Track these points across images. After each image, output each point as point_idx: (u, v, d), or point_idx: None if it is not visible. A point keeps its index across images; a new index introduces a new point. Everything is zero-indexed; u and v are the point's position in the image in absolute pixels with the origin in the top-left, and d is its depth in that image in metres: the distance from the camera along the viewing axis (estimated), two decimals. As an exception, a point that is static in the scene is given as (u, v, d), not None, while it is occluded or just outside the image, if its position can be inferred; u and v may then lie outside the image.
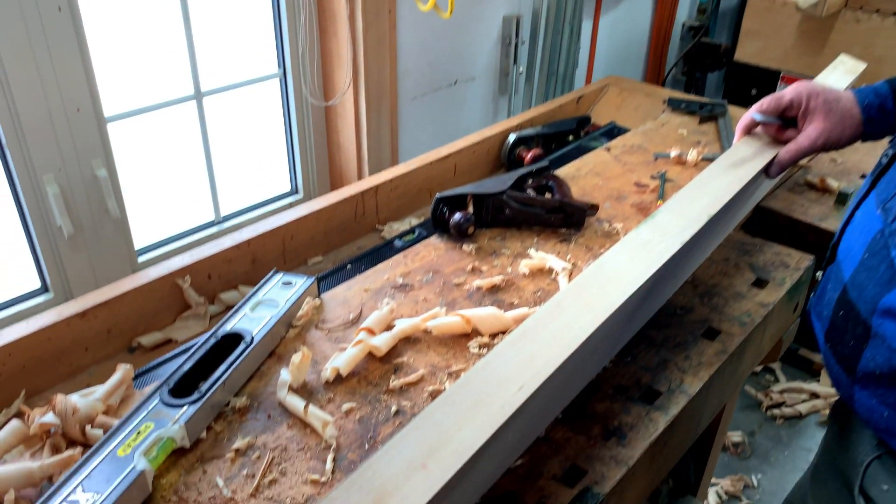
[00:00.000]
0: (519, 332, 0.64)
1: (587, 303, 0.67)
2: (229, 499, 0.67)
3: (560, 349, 0.61)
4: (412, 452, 0.52)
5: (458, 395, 0.57)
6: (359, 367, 0.83)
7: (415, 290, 0.97)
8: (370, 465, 0.50)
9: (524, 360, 0.60)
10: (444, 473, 0.50)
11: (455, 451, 0.52)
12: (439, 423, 0.54)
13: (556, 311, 0.67)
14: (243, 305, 0.88)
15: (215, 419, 0.76)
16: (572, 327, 0.64)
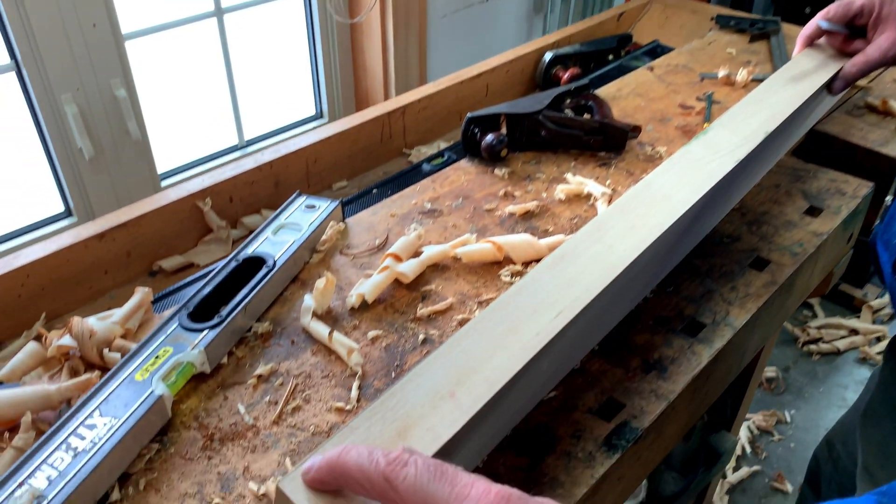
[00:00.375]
0: (557, 254, 0.59)
1: (632, 224, 0.62)
2: (251, 425, 0.65)
3: (602, 274, 0.56)
4: (439, 380, 0.48)
5: (490, 320, 0.53)
6: (385, 294, 0.79)
7: (443, 216, 0.92)
8: (393, 392, 0.47)
9: (562, 285, 0.56)
10: (474, 403, 0.46)
11: (486, 379, 0.48)
12: (469, 350, 0.50)
13: (597, 232, 0.61)
14: (265, 229, 0.85)
15: (237, 345, 0.73)
16: (615, 250, 0.59)
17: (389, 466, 0.38)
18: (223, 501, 0.58)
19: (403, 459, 0.38)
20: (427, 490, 0.37)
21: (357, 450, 0.40)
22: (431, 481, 0.37)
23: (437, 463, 0.39)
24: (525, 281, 0.57)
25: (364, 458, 0.39)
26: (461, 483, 0.38)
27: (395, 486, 0.37)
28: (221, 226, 0.98)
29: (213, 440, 0.64)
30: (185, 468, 0.61)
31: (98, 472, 0.57)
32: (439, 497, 0.37)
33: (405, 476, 0.38)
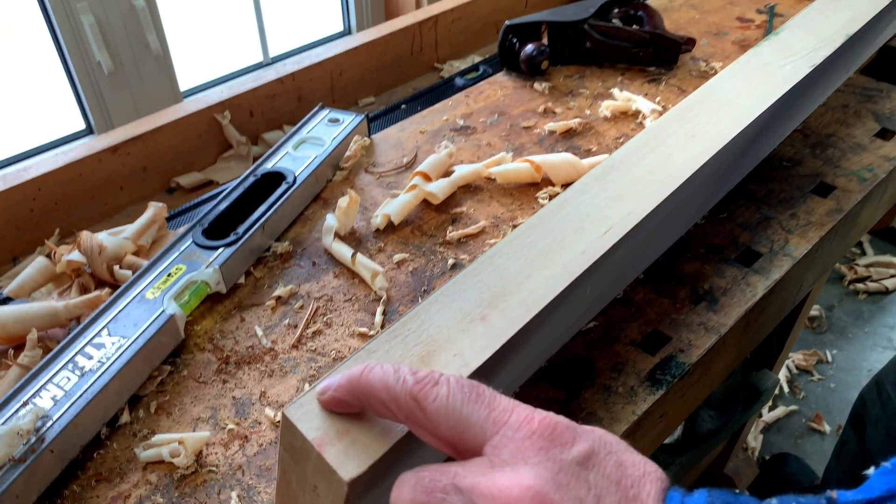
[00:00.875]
0: (607, 165, 0.53)
1: (692, 133, 0.55)
2: (269, 349, 0.61)
3: (657, 188, 0.50)
4: (469, 301, 0.43)
5: (528, 236, 0.47)
6: (412, 215, 0.74)
7: (477, 133, 0.85)
8: (417, 313, 0.42)
9: (612, 199, 0.49)
10: (508, 328, 0.41)
11: (522, 302, 0.43)
12: (503, 269, 0.45)
13: (653, 141, 0.55)
14: (285, 143, 0.79)
15: (254, 265, 0.69)
16: (673, 161, 0.52)
17: (418, 385, 0.34)
18: (238, 427, 0.55)
19: (434, 378, 0.34)
20: (460, 412, 0.33)
21: (382, 367, 0.35)
22: (465, 403, 0.33)
23: (471, 383, 0.34)
24: (570, 193, 0.51)
25: (390, 375, 0.35)
26: (499, 407, 0.33)
27: (424, 406, 0.33)
28: (241, 141, 0.93)
29: (228, 363, 0.60)
30: (199, 392, 0.58)
31: (106, 393, 0.54)
32: (474, 421, 0.33)
33: (436, 396, 0.33)
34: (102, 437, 0.55)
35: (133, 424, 0.56)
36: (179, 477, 0.52)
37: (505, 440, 0.32)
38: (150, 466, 0.53)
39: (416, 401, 0.34)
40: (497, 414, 0.33)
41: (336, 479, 0.33)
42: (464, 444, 0.33)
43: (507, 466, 0.32)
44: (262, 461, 0.53)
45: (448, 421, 0.33)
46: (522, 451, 0.32)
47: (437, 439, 0.34)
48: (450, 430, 0.33)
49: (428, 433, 0.34)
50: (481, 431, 0.33)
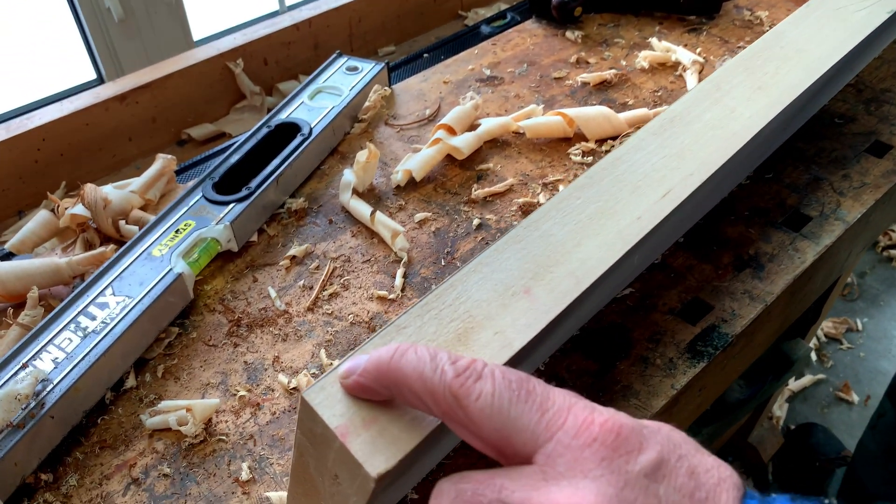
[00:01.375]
0: (665, 118, 0.48)
1: (759, 84, 0.50)
2: (283, 311, 0.57)
3: (721, 145, 0.45)
4: (512, 272, 0.38)
5: (579, 198, 0.43)
6: (435, 171, 0.69)
7: (505, 84, 0.80)
8: (453, 284, 0.37)
9: (671, 157, 0.45)
10: (555, 303, 0.37)
11: (571, 273, 0.39)
12: (550, 235, 0.40)
13: (716, 92, 0.49)
14: (301, 92, 0.74)
15: (268, 222, 0.65)
16: (739, 116, 0.47)
17: (459, 380, 0.29)
18: (250, 394, 0.52)
19: (476, 371, 0.29)
20: (507, 414, 0.28)
21: (416, 352, 0.31)
22: (513, 403, 0.29)
23: (520, 377, 0.30)
24: (624, 150, 0.46)
25: (426, 364, 0.30)
26: (553, 408, 0.29)
27: (465, 405, 0.29)
28: (255, 91, 0.88)
29: (239, 326, 0.56)
30: (208, 355, 0.55)
31: (110, 356, 0.51)
32: (523, 425, 0.28)
33: (479, 394, 0.29)
34: (107, 403, 0.52)
35: (139, 389, 0.53)
36: (187, 446, 0.49)
37: (560, 448, 0.28)
38: (157, 434, 0.50)
39: (455, 398, 0.29)
40: (551, 416, 0.29)
41: (362, 473, 0.29)
42: (511, 449, 0.29)
43: (563, 480, 0.27)
44: (275, 430, 0.49)
45: (493, 423, 0.29)
46: (581, 461, 0.27)
47: (479, 440, 0.30)
48: (495, 432, 0.29)
49: (469, 433, 0.30)
50: (532, 437, 0.28)
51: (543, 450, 0.28)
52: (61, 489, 0.47)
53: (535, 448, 0.28)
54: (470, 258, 0.60)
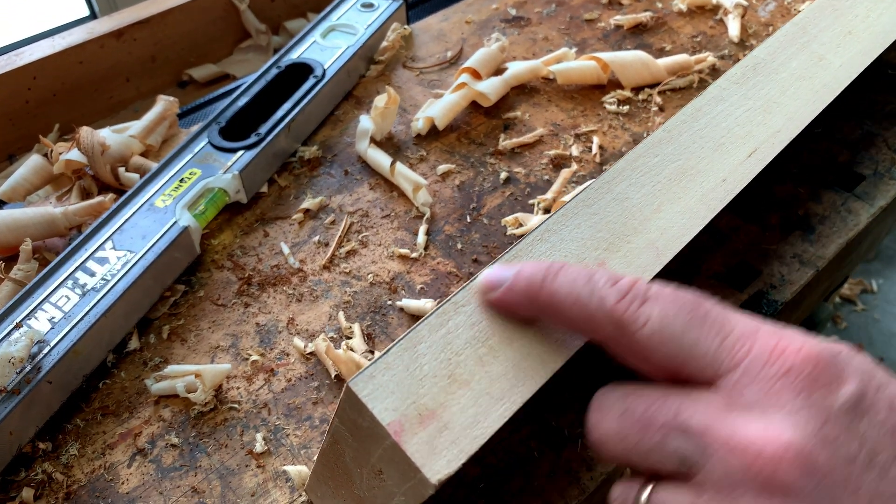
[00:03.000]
0: (748, 65, 0.43)
1: (848, 29, 0.45)
2: (296, 270, 0.53)
3: (810, 98, 0.40)
4: (583, 241, 0.34)
5: (656, 155, 0.38)
6: (459, 119, 0.64)
7: (532, 26, 0.74)
8: (516, 254, 0.33)
9: (757, 110, 0.40)
10: None
11: (651, 244, 0.34)
12: (625, 199, 0.36)
13: (801, 37, 0.44)
14: (312, 31, 0.69)
15: (279, 172, 0.60)
16: (828, 65, 0.42)
17: (621, 306, 0.26)
18: (263, 359, 0.48)
19: (640, 293, 0.27)
20: (681, 341, 0.26)
21: (570, 273, 0.28)
22: (687, 328, 0.26)
23: (693, 299, 0.26)
24: (704, 101, 0.41)
25: (581, 289, 0.28)
26: (735, 331, 0.25)
27: (631, 333, 0.26)
28: (261, 30, 0.82)
29: (250, 284, 0.52)
30: (217, 316, 0.51)
31: (111, 316, 0.47)
32: (701, 351, 0.25)
33: (646, 320, 0.26)
34: (108, 366, 0.48)
35: (143, 351, 0.49)
36: (196, 414, 0.45)
37: (748, 378, 0.25)
38: (164, 400, 0.46)
39: (618, 326, 0.27)
40: (733, 342, 0.25)
41: (418, 477, 0.26)
42: (685, 374, 0.26)
43: (752, 411, 0.24)
44: (291, 399, 0.46)
45: (664, 349, 0.26)
46: (775, 393, 0.24)
47: (646, 365, 0.27)
48: (666, 359, 0.26)
49: (634, 359, 0.27)
50: (713, 363, 0.25)
51: (727, 378, 0.25)
52: (61, 459, 0.43)
53: (717, 375, 0.25)
54: (493, 213, 0.55)
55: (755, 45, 0.70)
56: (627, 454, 0.26)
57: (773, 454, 0.23)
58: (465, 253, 0.54)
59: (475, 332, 0.29)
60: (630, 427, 0.26)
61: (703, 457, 0.24)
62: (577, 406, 0.44)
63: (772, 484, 0.23)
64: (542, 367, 0.29)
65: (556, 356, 0.30)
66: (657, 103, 0.64)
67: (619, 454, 0.26)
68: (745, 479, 0.23)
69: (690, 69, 0.66)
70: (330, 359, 0.46)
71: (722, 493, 0.24)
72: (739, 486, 0.23)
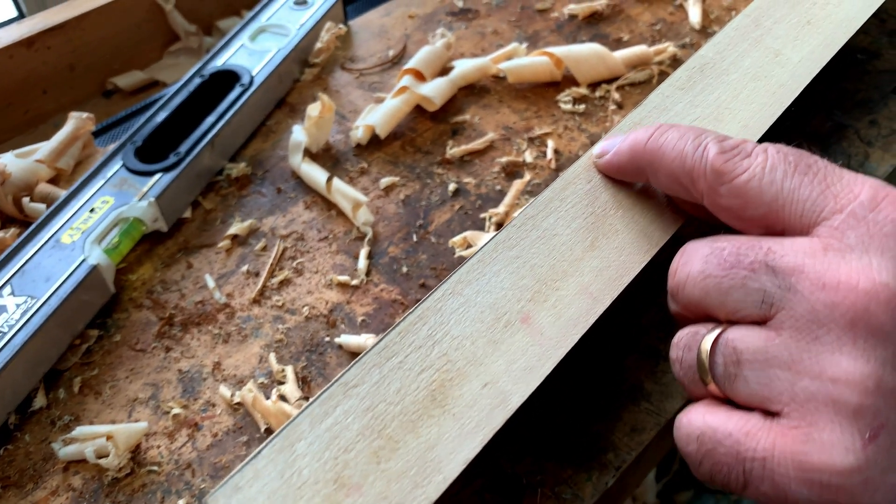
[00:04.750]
0: (694, 66, 0.39)
1: (807, 18, 0.41)
2: (223, 305, 0.48)
3: (767, 101, 0.37)
4: (504, 292, 0.29)
5: (588, 181, 0.33)
6: (403, 125, 0.59)
7: (481, 18, 0.69)
8: (422, 316, 0.27)
9: (707, 118, 0.36)
10: (566, 334, 0.28)
11: (584, 289, 0.30)
12: (553, 236, 0.31)
13: (754, 30, 0.40)
14: (240, 33, 0.63)
15: (204, 193, 0.55)
16: (786, 61, 0.38)
17: (724, 156, 0.27)
18: (185, 412, 0.43)
19: (745, 149, 0.27)
20: (781, 186, 0.25)
21: (678, 130, 0.30)
22: (789, 175, 0.26)
23: (798, 153, 0.27)
24: (644, 110, 0.36)
25: (688, 143, 0.28)
26: (842, 181, 0.25)
27: (731, 181, 0.27)
28: (191, 31, 0.76)
29: (172, 325, 0.47)
30: (136, 363, 0.45)
31: (10, 372, 0.41)
32: (802, 196, 0.25)
33: (747, 168, 0.26)
34: (11, 429, 0.43)
35: (51, 409, 0.43)
36: (111, 481, 0.40)
37: (853, 220, 0.24)
38: (74, 466, 0.41)
39: (718, 175, 0.27)
40: (840, 189, 0.25)
41: None
42: (781, 224, 0.26)
43: (852, 252, 0.23)
44: (218, 457, 0.41)
45: (763, 197, 0.26)
46: (881, 237, 0.23)
47: (741, 221, 0.27)
48: (763, 206, 0.26)
49: (730, 215, 0.27)
50: (813, 208, 0.25)
51: (829, 222, 0.24)
52: (-47, 544, 0.38)
53: (817, 220, 0.25)
54: (443, 230, 0.51)
55: (717, 31, 0.66)
56: (706, 295, 0.25)
57: (868, 291, 0.22)
58: (412, 277, 0.49)
59: (369, 420, 0.25)
60: (715, 265, 0.25)
61: (788, 294, 0.23)
62: (533, 450, 0.40)
63: (860, 322, 0.22)
64: (450, 455, 0.25)
65: (471, 442, 0.25)
66: (615, 100, 0.60)
67: (696, 296, 0.26)
68: (831, 317, 0.22)
69: (650, 61, 0.62)
70: (258, 412, 0.41)
71: (802, 332, 0.23)
72: (823, 325, 0.22)
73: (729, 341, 0.25)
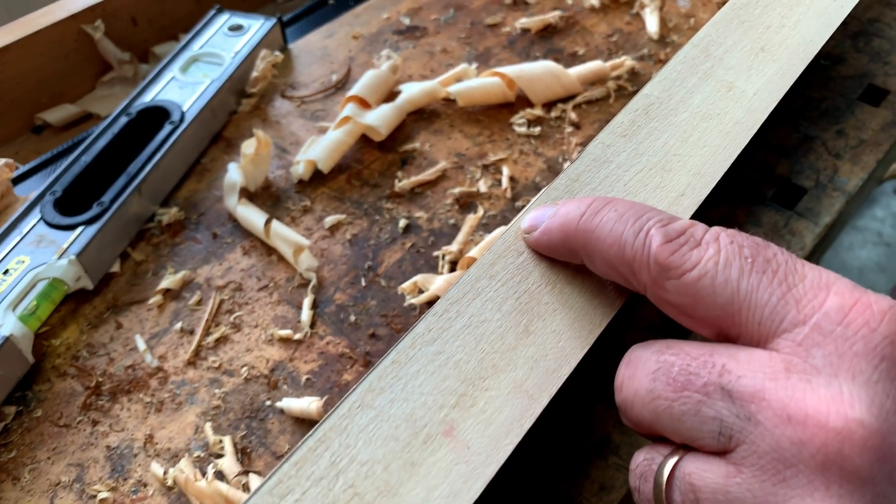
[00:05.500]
0: (638, 107, 0.34)
1: (761, 45, 0.37)
2: (155, 370, 0.44)
3: (721, 142, 0.33)
4: (422, 399, 0.25)
5: (519, 253, 0.30)
6: (348, 156, 0.56)
7: (429, 36, 0.66)
8: (323, 440, 0.23)
9: (652, 169, 0.32)
10: (497, 446, 0.25)
11: (518, 386, 0.26)
12: (480, 324, 0.27)
13: (703, 62, 0.37)
14: (170, 64, 0.59)
15: (133, 243, 0.51)
16: (740, 95, 0.35)
17: (668, 247, 0.24)
18: (114, 494, 0.39)
19: (694, 237, 0.24)
20: (736, 287, 0.22)
21: (615, 209, 0.26)
22: (746, 273, 0.22)
23: (755, 243, 0.23)
24: (582, 165, 0.32)
25: (627, 228, 0.25)
26: (804, 283, 0.22)
27: (677, 276, 0.23)
28: (124, 60, 0.72)
29: (99, 394, 0.43)
30: (59, 441, 0.41)
31: (-89, 466, 0.37)
32: (759, 300, 0.22)
33: (696, 264, 0.23)
34: (-85, 527, 0.38)
35: (-38, 501, 0.39)
36: (29, 581, 0.36)
37: (818, 336, 0.21)
38: (-13, 566, 0.37)
39: (664, 269, 0.24)
40: (802, 293, 0.22)
41: None
42: (736, 329, 0.23)
43: (818, 376, 0.20)
44: (149, 546, 0.37)
45: (714, 297, 0.23)
46: (850, 357, 0.20)
47: (691, 319, 0.24)
48: (716, 308, 0.23)
49: (677, 311, 0.24)
50: (772, 316, 0.22)
51: (791, 335, 0.21)
52: None
53: (776, 331, 0.22)
54: (394, 271, 0.47)
55: (676, 42, 0.63)
56: (657, 418, 0.23)
57: (840, 431, 0.19)
58: (360, 327, 0.46)
59: None
60: (664, 385, 0.22)
61: (748, 426, 0.20)
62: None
63: (832, 466, 0.19)
64: None
65: None
66: (572, 120, 0.57)
67: (646, 418, 0.23)
68: (799, 457, 0.19)
69: (607, 77, 0.59)
70: (192, 495, 0.37)
71: (766, 471, 0.20)
72: (791, 465, 0.19)
73: (686, 475, 0.22)
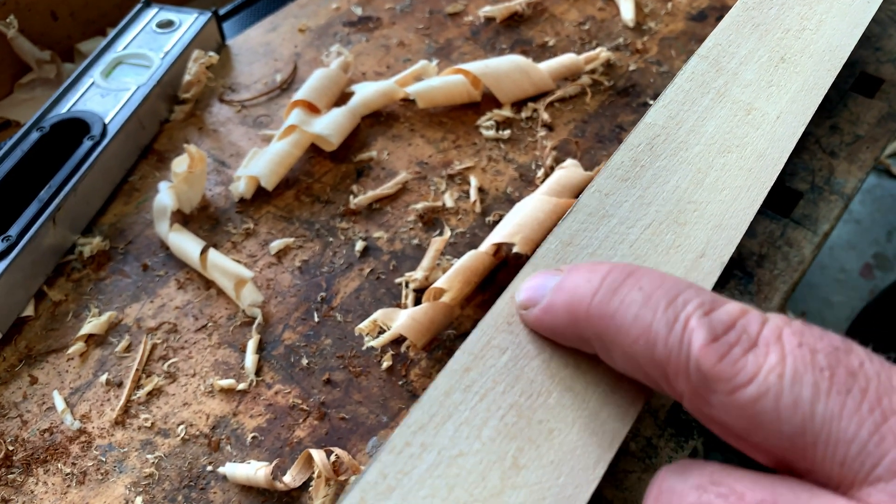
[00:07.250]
0: (640, 142, 0.29)
1: (780, 54, 0.33)
2: (77, 432, 0.38)
3: (744, 182, 0.28)
4: None
5: (501, 351, 0.24)
6: (297, 169, 0.50)
7: (384, 28, 0.59)
8: None
9: (663, 222, 0.27)
10: None
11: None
12: (459, 456, 0.22)
13: (715, 78, 0.32)
14: (90, 69, 0.52)
15: (49, 280, 0.44)
16: (760, 118, 0.30)
17: (715, 349, 0.18)
18: (26, 590, 0.33)
19: (749, 333, 0.18)
20: (809, 413, 0.17)
21: (641, 288, 0.20)
22: (823, 394, 0.17)
23: (832, 346, 0.18)
24: (577, 222, 0.26)
25: (657, 312, 0.19)
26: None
27: (727, 392, 0.18)
28: (44, 59, 0.64)
29: (11, 465, 0.37)
30: (-39, 525, 0.35)
31: None
32: (840, 433, 0.17)
33: (754, 374, 0.18)
34: None
35: None
36: None
37: None
38: None
39: (709, 381, 0.18)
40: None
41: None
42: (805, 464, 0.18)
43: None
44: None
45: (781, 426, 0.17)
46: None
47: (743, 443, 0.19)
48: (781, 439, 0.17)
49: (727, 432, 0.19)
50: (860, 457, 0.17)
51: (890, 486, 0.16)
52: None
53: (867, 477, 0.17)
54: (351, 303, 0.41)
55: (654, 29, 0.58)
56: None
57: None
58: (314, 371, 0.40)
59: None
60: None
61: None
62: None
63: None
64: None
65: None
66: (544, 121, 0.51)
67: None
68: None
69: (581, 71, 0.53)
70: None
71: None
72: None
73: None
